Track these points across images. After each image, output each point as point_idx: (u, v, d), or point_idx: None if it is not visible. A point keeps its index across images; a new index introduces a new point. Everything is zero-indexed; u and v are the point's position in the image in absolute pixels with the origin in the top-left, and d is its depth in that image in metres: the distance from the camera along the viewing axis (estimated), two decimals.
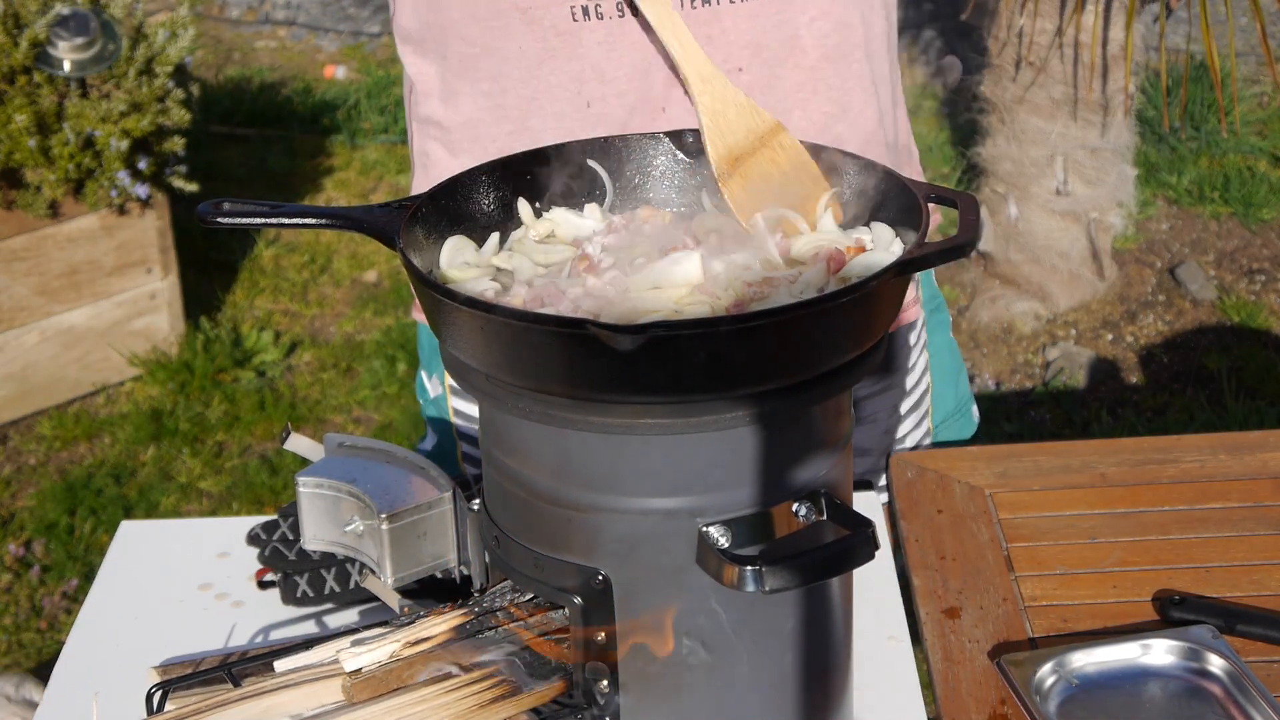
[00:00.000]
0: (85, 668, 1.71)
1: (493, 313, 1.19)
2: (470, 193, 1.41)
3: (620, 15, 1.68)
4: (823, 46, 1.76)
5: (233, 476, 3.97)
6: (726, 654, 1.28)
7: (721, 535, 1.22)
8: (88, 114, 3.92)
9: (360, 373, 4.39)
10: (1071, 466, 1.92)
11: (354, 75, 6.20)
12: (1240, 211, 5.04)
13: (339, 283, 4.87)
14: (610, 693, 1.29)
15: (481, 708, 1.31)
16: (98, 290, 4.20)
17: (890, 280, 1.22)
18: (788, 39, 1.74)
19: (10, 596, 3.57)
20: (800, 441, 1.25)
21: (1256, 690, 1.51)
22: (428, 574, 1.54)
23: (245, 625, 1.76)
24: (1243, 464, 1.92)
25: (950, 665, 1.61)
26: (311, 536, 1.52)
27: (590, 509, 1.25)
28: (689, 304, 1.27)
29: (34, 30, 3.81)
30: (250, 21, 6.83)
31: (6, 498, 3.92)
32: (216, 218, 1.36)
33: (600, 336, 1.13)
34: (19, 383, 4.14)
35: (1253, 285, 4.73)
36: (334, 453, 1.58)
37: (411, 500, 1.48)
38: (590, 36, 1.71)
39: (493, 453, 1.32)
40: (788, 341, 1.18)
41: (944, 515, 1.84)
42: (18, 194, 3.96)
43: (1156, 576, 1.72)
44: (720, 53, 1.70)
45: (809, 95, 1.77)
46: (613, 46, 1.71)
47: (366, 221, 1.34)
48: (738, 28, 1.71)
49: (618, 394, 1.18)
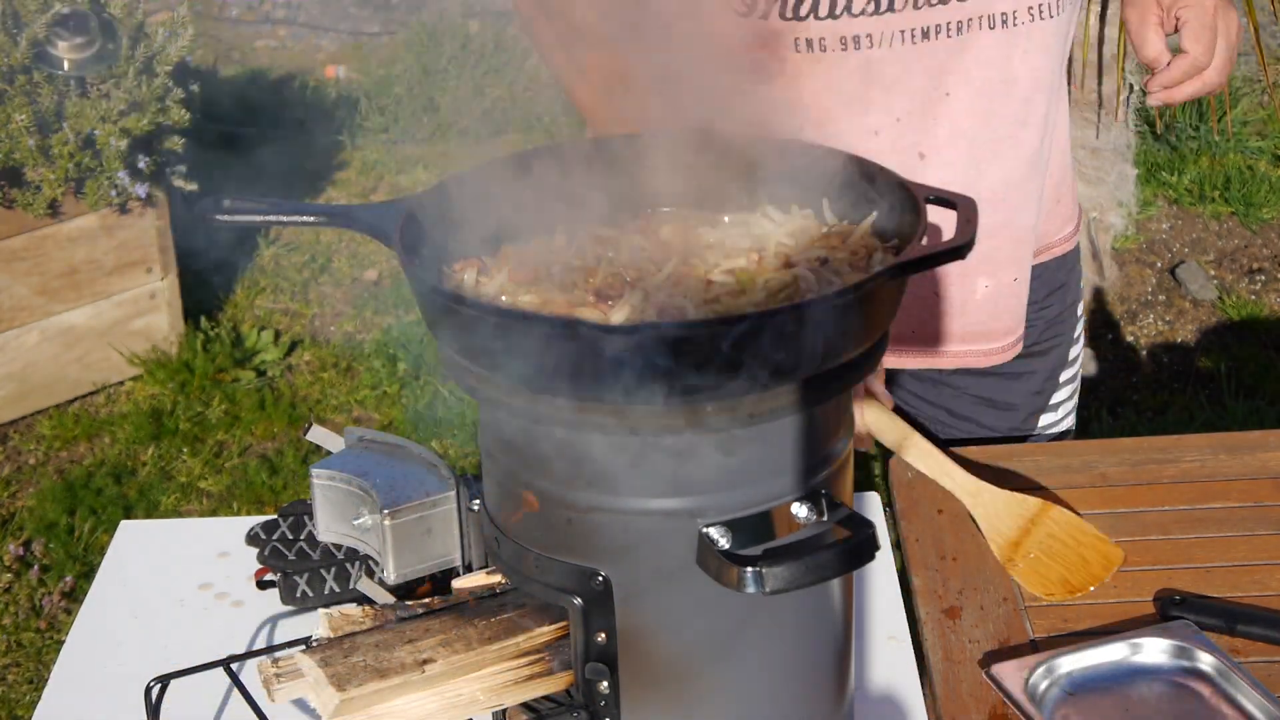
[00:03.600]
0: (85, 668, 1.71)
1: (488, 313, 1.19)
2: (470, 192, 1.41)
3: (843, 49, 1.81)
4: (1034, 76, 1.87)
5: (233, 476, 3.97)
6: (727, 654, 1.28)
7: (721, 536, 1.22)
8: (87, 113, 3.92)
9: (360, 372, 4.40)
10: (1071, 466, 1.92)
11: (354, 75, 6.20)
12: (1240, 211, 5.04)
13: (339, 282, 4.87)
14: (610, 693, 1.29)
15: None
16: (98, 290, 4.20)
17: (887, 281, 1.22)
18: (1001, 71, 1.85)
19: (10, 596, 3.56)
20: (800, 441, 1.25)
21: (1248, 683, 1.51)
22: (432, 571, 1.55)
23: (245, 625, 1.76)
24: (1243, 464, 1.92)
25: (950, 665, 1.61)
26: (324, 528, 1.54)
27: (590, 509, 1.25)
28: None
29: (34, 29, 3.81)
30: (250, 21, 6.83)
31: (6, 498, 3.92)
32: (217, 215, 1.36)
33: (593, 337, 1.13)
34: (19, 383, 4.14)
35: (1253, 285, 4.73)
36: (353, 446, 1.59)
37: (415, 497, 1.48)
38: (815, 68, 1.82)
39: (492, 452, 1.32)
40: (786, 342, 1.18)
41: (944, 515, 1.84)
42: (18, 193, 3.96)
43: (1156, 576, 1.72)
44: (933, 83, 1.83)
45: (1018, 128, 1.89)
46: (834, 79, 1.83)
47: (366, 220, 1.34)
48: (954, 59, 1.83)
49: (613, 394, 1.18)
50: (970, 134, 1.88)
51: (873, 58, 1.81)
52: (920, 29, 1.80)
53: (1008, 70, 1.86)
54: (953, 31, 1.81)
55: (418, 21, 6.20)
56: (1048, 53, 1.88)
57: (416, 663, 1.29)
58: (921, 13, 1.79)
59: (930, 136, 1.87)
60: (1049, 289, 2.12)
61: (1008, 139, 1.90)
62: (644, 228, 1.42)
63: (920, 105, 1.85)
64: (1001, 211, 1.93)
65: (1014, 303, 2.01)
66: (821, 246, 1.35)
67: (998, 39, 1.83)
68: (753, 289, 1.29)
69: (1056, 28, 1.87)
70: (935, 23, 1.80)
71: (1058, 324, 2.16)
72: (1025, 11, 1.83)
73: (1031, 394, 2.15)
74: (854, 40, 1.80)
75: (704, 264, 1.34)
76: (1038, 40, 1.86)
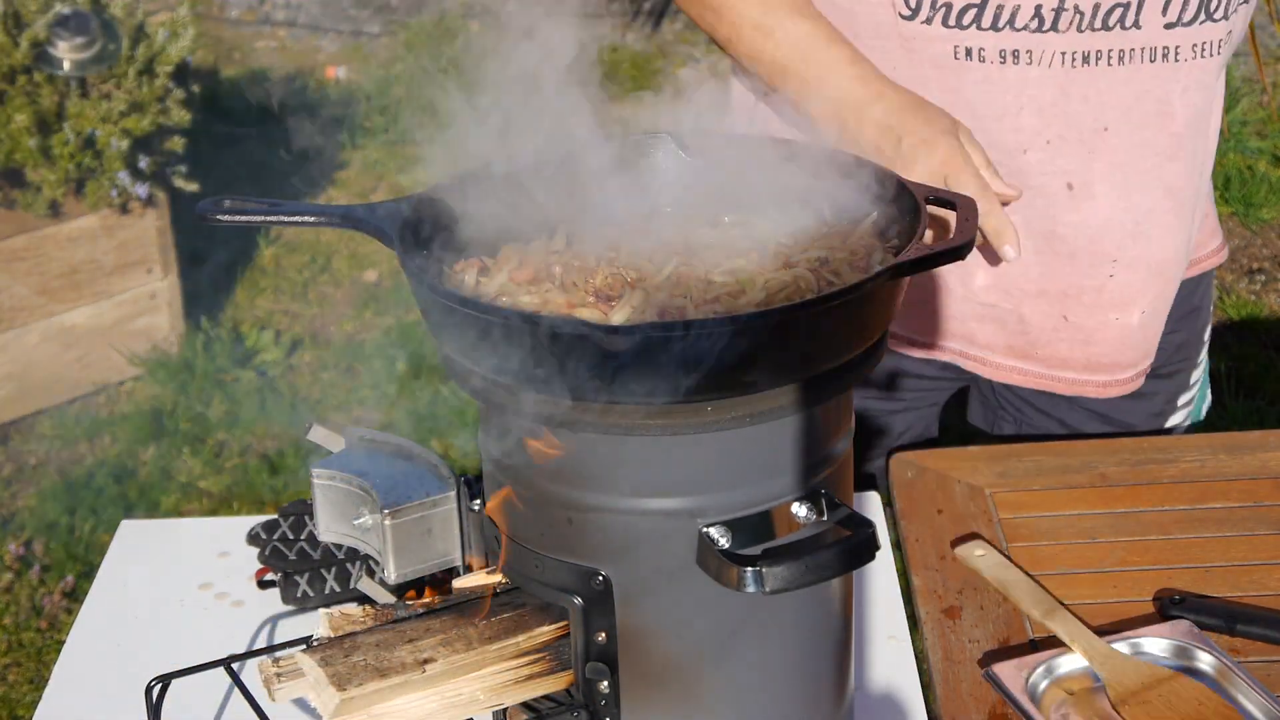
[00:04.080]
0: (86, 667, 1.71)
1: (488, 313, 1.19)
2: (471, 192, 1.41)
3: (1001, 62, 1.80)
4: (1190, 112, 1.85)
5: (233, 476, 3.97)
6: (727, 654, 1.28)
7: (722, 535, 1.22)
8: (88, 114, 3.92)
9: (360, 373, 4.40)
10: (1071, 466, 1.92)
11: (354, 75, 6.20)
12: (1240, 211, 5.04)
13: (339, 282, 4.88)
14: (610, 693, 1.29)
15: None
16: (98, 290, 4.20)
17: (886, 281, 1.22)
18: (1159, 105, 1.83)
19: (10, 596, 3.57)
20: (800, 441, 1.25)
21: (1248, 683, 1.51)
22: (432, 571, 1.55)
23: (245, 625, 1.76)
24: (1243, 464, 1.92)
25: (950, 665, 1.61)
26: (325, 528, 1.54)
27: (590, 509, 1.25)
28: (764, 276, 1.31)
29: (34, 30, 3.81)
30: (250, 21, 6.83)
31: (6, 498, 3.92)
32: (216, 215, 1.36)
33: (593, 337, 1.13)
34: (19, 383, 4.14)
35: (1253, 285, 4.73)
36: (353, 446, 1.59)
37: (416, 497, 1.48)
38: (968, 76, 1.82)
39: (492, 452, 1.32)
40: (785, 342, 1.18)
41: (944, 515, 1.84)
42: (18, 194, 3.96)
43: (1156, 576, 1.72)
44: (1092, 111, 1.82)
45: (1166, 161, 1.87)
46: (989, 89, 1.82)
47: (366, 220, 1.34)
48: (1113, 90, 1.81)
49: (613, 394, 1.18)
50: (1125, 168, 1.86)
51: (1030, 76, 1.81)
52: (1082, 53, 1.79)
53: (1167, 106, 1.83)
54: (1114, 60, 1.80)
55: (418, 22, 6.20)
56: (1205, 90, 1.86)
57: (417, 662, 1.29)
58: (1085, 36, 1.78)
59: (1083, 167, 1.85)
60: (1182, 312, 2.07)
61: (1153, 172, 1.87)
62: (644, 228, 1.42)
63: (1075, 133, 1.83)
64: (1140, 244, 1.90)
65: (1143, 335, 1.97)
66: (821, 246, 1.35)
67: (1159, 74, 1.81)
68: (753, 289, 1.29)
69: (1216, 66, 1.86)
70: (1098, 49, 1.79)
71: (1185, 348, 2.13)
72: (1190, 49, 1.80)
73: (1150, 415, 2.13)
74: (1013, 54, 1.79)
75: (704, 264, 1.34)
76: (1197, 77, 1.83)
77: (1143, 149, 1.86)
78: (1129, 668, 1.53)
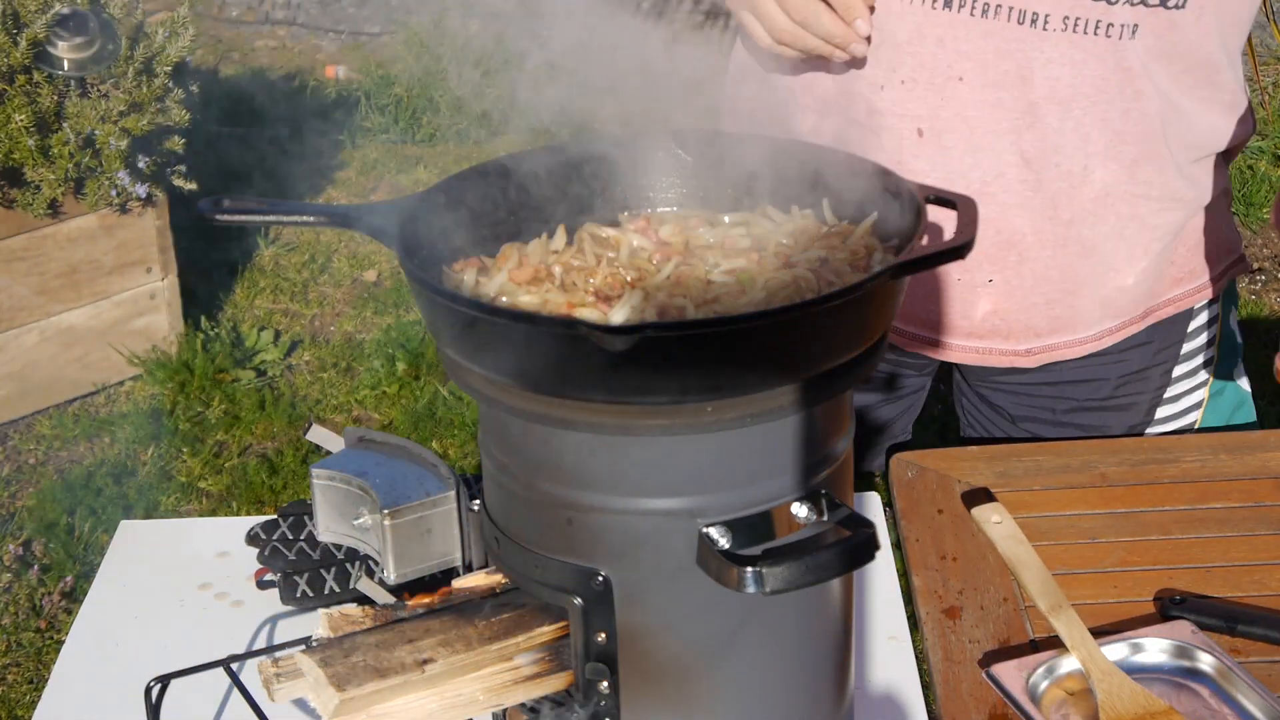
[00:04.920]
0: (85, 668, 1.71)
1: (487, 313, 1.19)
2: (471, 192, 1.41)
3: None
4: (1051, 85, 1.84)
5: (233, 476, 3.97)
6: (727, 654, 1.28)
7: (722, 536, 1.22)
8: (87, 113, 3.92)
9: (360, 372, 4.40)
10: (1071, 466, 1.92)
11: (354, 75, 6.20)
12: (1240, 211, 5.04)
13: (339, 282, 4.87)
14: (610, 693, 1.29)
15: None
16: (97, 290, 4.20)
17: (887, 281, 1.22)
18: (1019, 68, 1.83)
19: (10, 596, 3.56)
20: (800, 441, 1.25)
21: (1248, 683, 1.51)
22: (432, 571, 1.55)
23: (245, 625, 1.76)
24: (1243, 464, 1.92)
25: (950, 665, 1.61)
26: (324, 528, 1.54)
27: (590, 509, 1.25)
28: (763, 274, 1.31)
29: (33, 29, 3.81)
30: (250, 21, 6.83)
31: (6, 498, 3.92)
32: (216, 215, 1.35)
33: (592, 337, 1.13)
34: (19, 382, 4.14)
35: (1253, 285, 4.73)
36: (353, 446, 1.59)
37: (415, 497, 1.48)
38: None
39: (492, 452, 1.32)
40: (785, 342, 1.18)
41: (944, 515, 1.84)
42: (18, 193, 3.96)
43: (1157, 576, 1.72)
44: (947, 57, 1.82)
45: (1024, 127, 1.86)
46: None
47: (366, 220, 1.34)
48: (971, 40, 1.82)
49: (613, 394, 1.18)
50: (973, 123, 1.86)
51: (891, 8, 1.80)
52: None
53: (1026, 71, 1.82)
54: (976, 11, 1.80)
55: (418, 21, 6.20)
56: (1076, 70, 1.83)
57: (416, 663, 1.29)
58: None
59: (932, 114, 1.85)
60: (1137, 343, 2.07)
61: (1007, 135, 1.86)
62: (644, 228, 1.42)
63: (928, 76, 1.83)
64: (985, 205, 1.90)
65: (1013, 303, 1.98)
66: (821, 246, 1.35)
67: (1023, 37, 1.81)
68: (753, 289, 1.29)
69: (1097, 51, 1.82)
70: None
71: (1138, 379, 2.11)
72: (1060, 20, 1.80)
73: (1129, 426, 2.13)
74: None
75: (704, 264, 1.34)
76: (1065, 52, 1.82)
77: (995, 108, 1.85)
78: (1125, 693, 1.53)
